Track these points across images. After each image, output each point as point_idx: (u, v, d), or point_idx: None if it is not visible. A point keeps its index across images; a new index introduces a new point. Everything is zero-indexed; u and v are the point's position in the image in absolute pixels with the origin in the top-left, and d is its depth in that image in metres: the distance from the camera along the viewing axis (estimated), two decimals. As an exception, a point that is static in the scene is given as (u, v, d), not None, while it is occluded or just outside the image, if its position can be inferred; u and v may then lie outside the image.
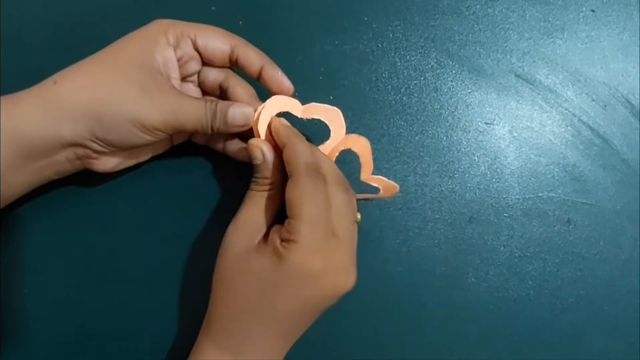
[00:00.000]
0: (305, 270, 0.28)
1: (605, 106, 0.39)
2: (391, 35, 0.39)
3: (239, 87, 0.33)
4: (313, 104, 0.34)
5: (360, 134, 0.37)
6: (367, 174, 0.35)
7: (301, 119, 0.33)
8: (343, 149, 0.35)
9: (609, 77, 0.39)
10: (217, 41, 0.32)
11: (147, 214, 0.36)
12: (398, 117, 0.38)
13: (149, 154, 0.34)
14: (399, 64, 0.38)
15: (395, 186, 0.36)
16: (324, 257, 0.28)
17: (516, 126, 0.38)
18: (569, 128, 0.38)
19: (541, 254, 0.37)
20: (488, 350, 0.36)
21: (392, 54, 0.38)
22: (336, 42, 0.38)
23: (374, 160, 0.34)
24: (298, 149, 0.30)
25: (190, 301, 0.35)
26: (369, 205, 0.37)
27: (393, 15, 0.39)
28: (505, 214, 0.37)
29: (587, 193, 0.38)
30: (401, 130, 0.38)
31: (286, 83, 0.33)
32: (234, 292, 0.30)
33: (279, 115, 0.33)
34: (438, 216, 0.37)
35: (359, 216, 0.32)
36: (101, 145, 0.30)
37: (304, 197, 0.28)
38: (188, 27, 0.32)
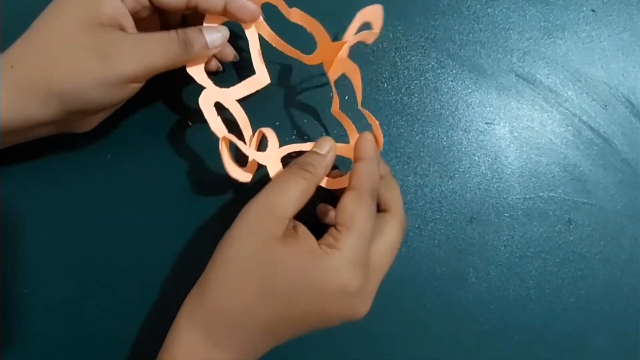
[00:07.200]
0: (342, 282, 0.27)
1: (606, 106, 0.39)
2: (391, 35, 0.39)
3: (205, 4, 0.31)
4: (298, 12, 0.32)
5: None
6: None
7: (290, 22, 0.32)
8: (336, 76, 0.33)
9: (610, 77, 0.39)
10: None
11: (149, 214, 0.36)
12: (398, 117, 0.37)
13: (124, 99, 0.32)
14: (399, 64, 0.38)
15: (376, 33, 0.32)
16: (362, 278, 0.27)
17: (517, 126, 0.38)
18: (570, 128, 0.38)
19: (542, 254, 0.37)
20: (488, 350, 0.36)
21: (392, 54, 0.38)
22: (336, 42, 0.38)
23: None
24: (375, 171, 0.29)
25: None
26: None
27: (393, 15, 0.38)
28: (505, 214, 0.37)
29: (588, 193, 0.38)
30: (401, 130, 0.38)
31: (251, 7, 0.31)
32: (247, 278, 0.26)
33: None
34: (438, 216, 0.37)
35: None
36: (78, 114, 0.29)
37: (362, 212, 0.28)
38: None
